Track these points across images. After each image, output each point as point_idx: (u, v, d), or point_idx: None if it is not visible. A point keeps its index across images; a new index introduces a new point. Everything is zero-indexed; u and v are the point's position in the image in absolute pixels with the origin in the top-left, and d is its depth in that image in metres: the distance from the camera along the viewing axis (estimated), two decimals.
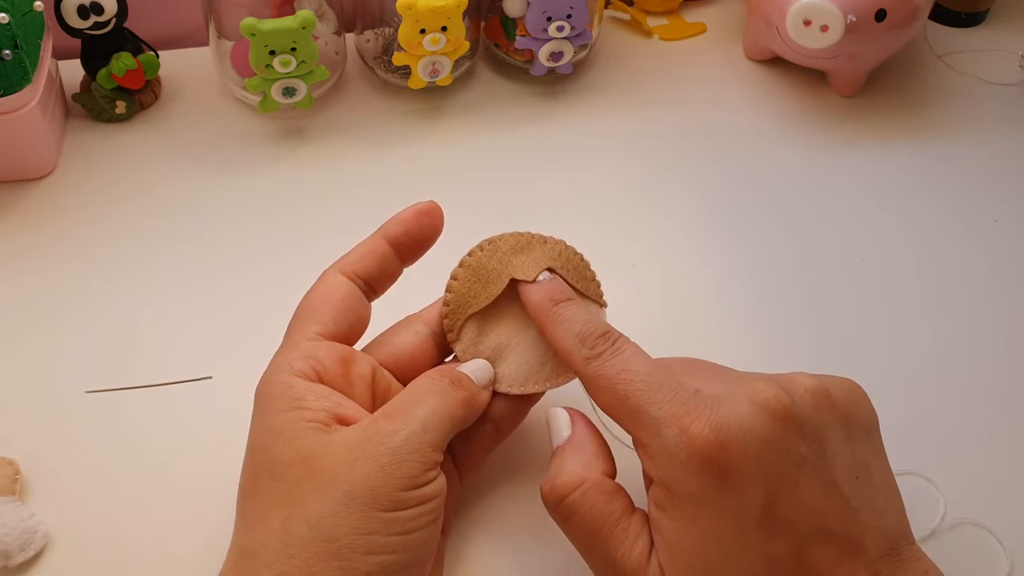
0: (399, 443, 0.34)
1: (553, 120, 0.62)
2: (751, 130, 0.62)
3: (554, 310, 0.39)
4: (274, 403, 0.36)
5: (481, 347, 0.41)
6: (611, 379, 0.35)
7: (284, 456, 0.35)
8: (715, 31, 0.69)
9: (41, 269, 0.51)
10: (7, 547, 0.39)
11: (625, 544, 0.34)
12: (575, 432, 0.37)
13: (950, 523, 0.43)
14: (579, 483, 0.35)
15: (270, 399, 0.37)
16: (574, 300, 0.40)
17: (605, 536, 0.34)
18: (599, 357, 0.36)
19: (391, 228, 0.41)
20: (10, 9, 0.50)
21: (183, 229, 0.54)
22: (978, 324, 0.52)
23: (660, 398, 0.34)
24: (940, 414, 0.47)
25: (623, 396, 0.34)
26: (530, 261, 0.41)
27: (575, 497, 0.35)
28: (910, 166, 0.60)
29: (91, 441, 0.44)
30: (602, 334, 0.37)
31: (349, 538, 0.33)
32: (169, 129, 0.59)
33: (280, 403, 0.36)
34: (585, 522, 0.34)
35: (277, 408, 0.36)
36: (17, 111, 0.52)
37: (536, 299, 0.40)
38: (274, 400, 0.36)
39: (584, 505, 0.34)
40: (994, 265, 0.55)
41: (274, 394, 0.36)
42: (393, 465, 0.34)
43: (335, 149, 0.59)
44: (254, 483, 0.35)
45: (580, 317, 0.38)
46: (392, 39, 0.60)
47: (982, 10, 0.70)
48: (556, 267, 0.41)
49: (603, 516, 0.34)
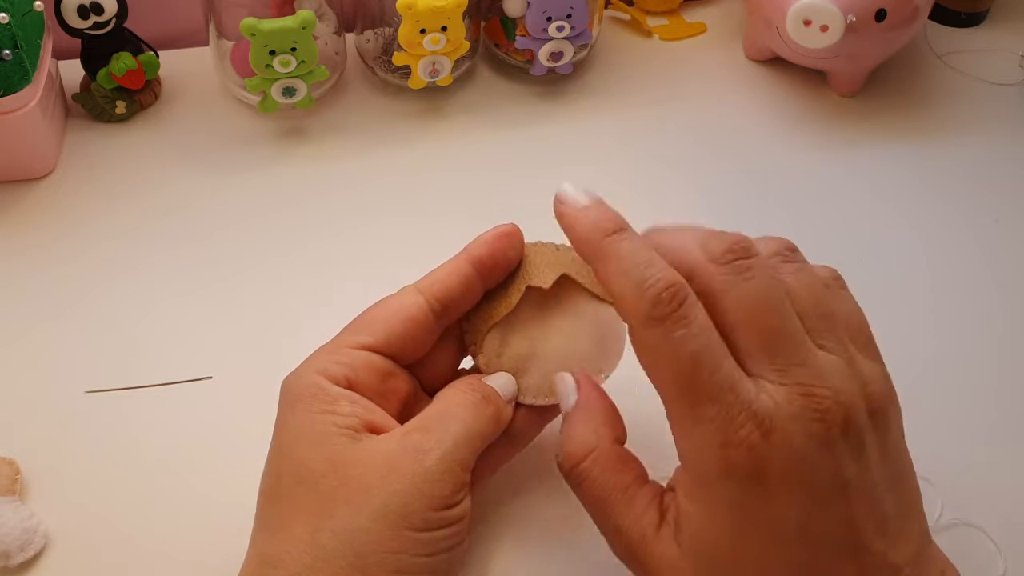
0: (434, 462, 0.34)
1: (553, 120, 0.62)
2: (751, 130, 0.62)
3: (605, 243, 0.33)
4: (305, 404, 0.35)
5: (504, 358, 0.40)
6: (675, 354, 0.31)
7: (313, 462, 0.34)
8: (715, 31, 0.69)
9: (41, 269, 0.51)
10: (7, 547, 0.39)
11: (632, 514, 0.33)
12: (582, 397, 0.37)
13: (945, 524, 0.43)
14: (589, 451, 0.34)
15: (301, 399, 0.36)
16: (629, 231, 0.34)
17: (613, 504, 0.34)
18: (663, 322, 0.31)
19: (476, 249, 0.40)
20: (10, 9, 0.50)
21: (183, 229, 0.54)
22: (978, 324, 0.52)
23: (718, 389, 0.30)
24: (939, 414, 0.47)
25: (678, 375, 0.31)
26: (546, 267, 0.41)
27: (586, 465, 0.34)
28: (910, 166, 0.60)
29: (91, 441, 0.44)
30: (669, 286, 0.31)
31: (378, 556, 0.32)
32: (169, 129, 0.59)
33: (311, 404, 0.35)
34: (595, 490, 0.34)
35: (308, 409, 0.35)
36: (17, 111, 0.52)
37: (582, 232, 0.34)
38: (305, 401, 0.36)
39: (594, 473, 0.34)
40: (994, 265, 0.55)
41: (306, 395, 0.36)
42: (427, 484, 0.33)
43: (335, 149, 0.59)
44: (278, 486, 0.35)
45: (641, 256, 0.32)
46: (392, 39, 0.60)
47: (982, 10, 0.70)
48: (571, 272, 0.41)
49: (612, 485, 0.34)
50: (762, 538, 0.31)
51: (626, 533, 0.33)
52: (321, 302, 0.50)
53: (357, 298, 0.49)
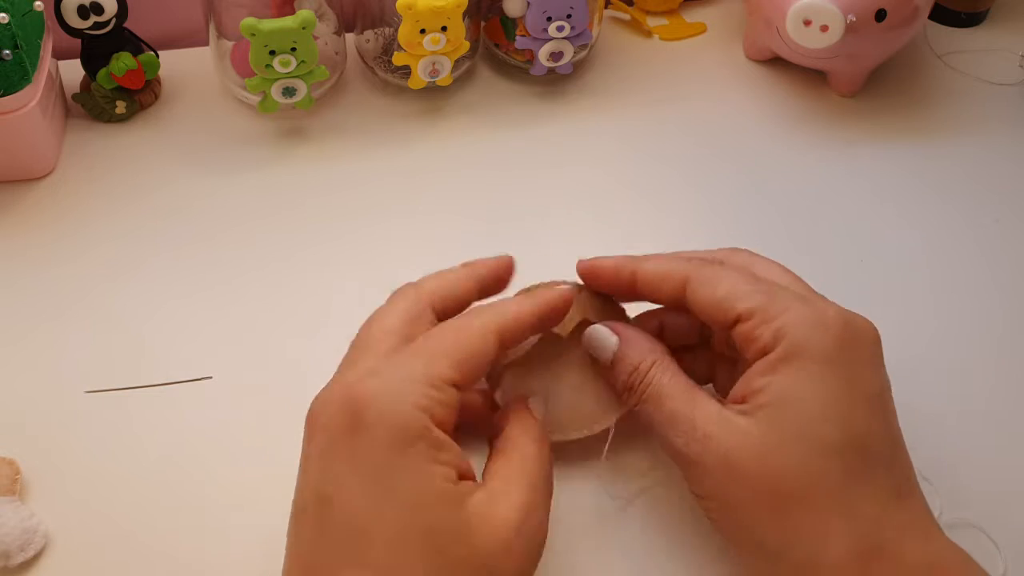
0: (541, 542, 0.36)
1: (553, 120, 0.62)
2: (751, 130, 0.62)
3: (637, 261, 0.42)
4: (416, 449, 0.34)
5: (520, 392, 0.42)
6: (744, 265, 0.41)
7: (444, 522, 0.33)
8: (715, 31, 0.69)
9: (41, 269, 0.51)
10: (7, 547, 0.39)
11: (697, 404, 0.38)
12: (626, 331, 0.41)
13: (946, 523, 0.43)
14: (654, 359, 0.40)
15: (412, 443, 0.34)
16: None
17: (678, 400, 0.38)
18: (707, 266, 0.41)
19: (540, 307, 0.40)
20: (10, 9, 0.50)
21: (183, 229, 0.54)
22: (978, 324, 0.52)
23: (787, 294, 0.39)
24: (939, 413, 0.47)
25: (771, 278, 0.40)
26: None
27: (653, 372, 0.39)
28: (910, 166, 0.60)
29: (91, 441, 0.44)
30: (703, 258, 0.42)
31: None
32: (169, 129, 0.59)
33: (423, 450, 0.34)
34: (662, 389, 0.39)
35: (420, 455, 0.34)
36: (17, 111, 0.52)
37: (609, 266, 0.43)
38: (416, 445, 0.34)
39: (659, 376, 0.39)
40: (994, 265, 0.55)
41: (415, 436, 0.34)
42: (532, 565, 0.36)
43: (335, 149, 0.59)
44: (387, 532, 0.33)
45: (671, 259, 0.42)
46: (392, 39, 0.60)
47: (982, 10, 0.70)
48: (590, 316, 0.43)
49: (677, 384, 0.39)
50: (847, 395, 0.36)
51: (687, 421, 0.37)
52: (321, 301, 0.50)
53: (357, 298, 0.49)
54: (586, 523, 0.42)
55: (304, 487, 0.35)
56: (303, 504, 0.35)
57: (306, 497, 0.35)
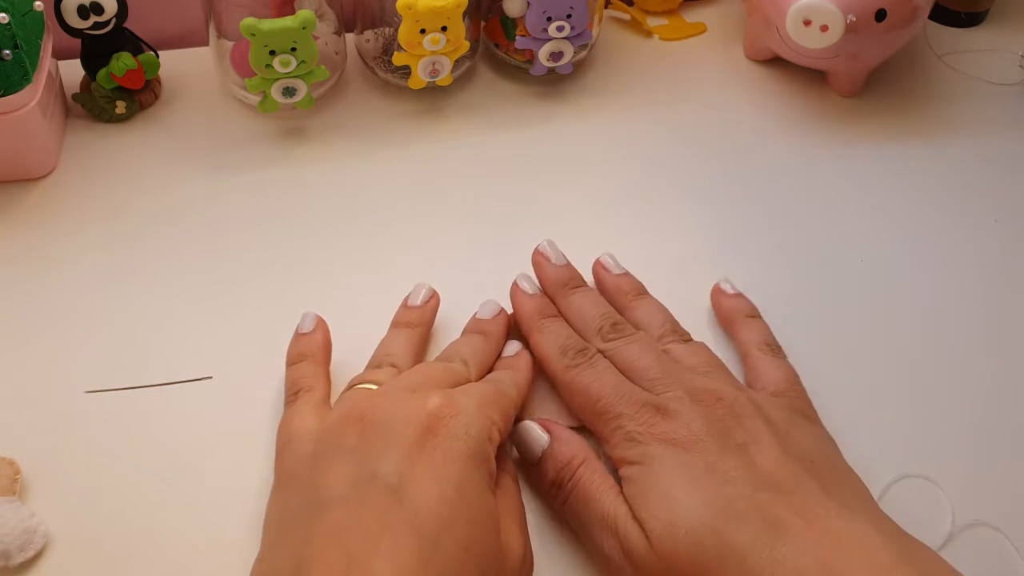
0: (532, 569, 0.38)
1: (553, 120, 0.62)
2: (751, 130, 0.62)
3: (540, 322, 0.45)
4: (484, 468, 0.36)
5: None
6: (586, 386, 0.41)
7: (493, 547, 0.35)
8: (715, 31, 0.69)
9: (41, 269, 0.51)
10: (7, 547, 0.39)
11: (621, 501, 0.38)
12: (556, 430, 0.42)
13: (962, 525, 0.43)
14: (583, 459, 0.40)
15: (483, 458, 0.37)
16: (558, 317, 0.46)
17: (603, 496, 0.39)
18: (577, 367, 0.42)
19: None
20: (10, 9, 0.50)
21: (183, 229, 0.54)
22: (977, 324, 0.52)
23: (626, 400, 0.40)
24: (939, 415, 0.47)
25: (595, 399, 0.41)
26: None
27: (581, 470, 0.40)
28: (910, 166, 0.60)
29: (91, 441, 0.44)
30: (581, 349, 0.43)
31: None
32: (169, 129, 0.59)
33: (486, 471, 0.37)
34: (587, 489, 0.39)
35: (485, 476, 0.36)
36: (17, 111, 0.52)
37: (525, 314, 0.46)
38: (481, 468, 0.36)
39: (586, 475, 0.39)
40: (994, 265, 0.55)
41: (485, 455, 0.37)
42: None
43: (335, 149, 0.59)
44: (450, 532, 0.34)
45: (563, 332, 0.44)
46: (392, 39, 0.60)
47: (982, 10, 0.70)
48: None
49: (601, 484, 0.39)
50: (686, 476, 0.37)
51: (614, 517, 0.38)
52: (321, 301, 0.50)
53: (357, 297, 0.49)
54: None
55: (346, 473, 0.35)
56: (340, 490, 0.34)
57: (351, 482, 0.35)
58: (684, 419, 0.39)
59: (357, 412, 0.37)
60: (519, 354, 0.45)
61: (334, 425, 0.37)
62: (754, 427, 0.39)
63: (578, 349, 0.43)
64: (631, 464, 0.38)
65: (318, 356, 0.45)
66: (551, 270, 0.48)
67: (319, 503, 0.34)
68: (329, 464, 0.35)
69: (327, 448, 0.36)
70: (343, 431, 0.36)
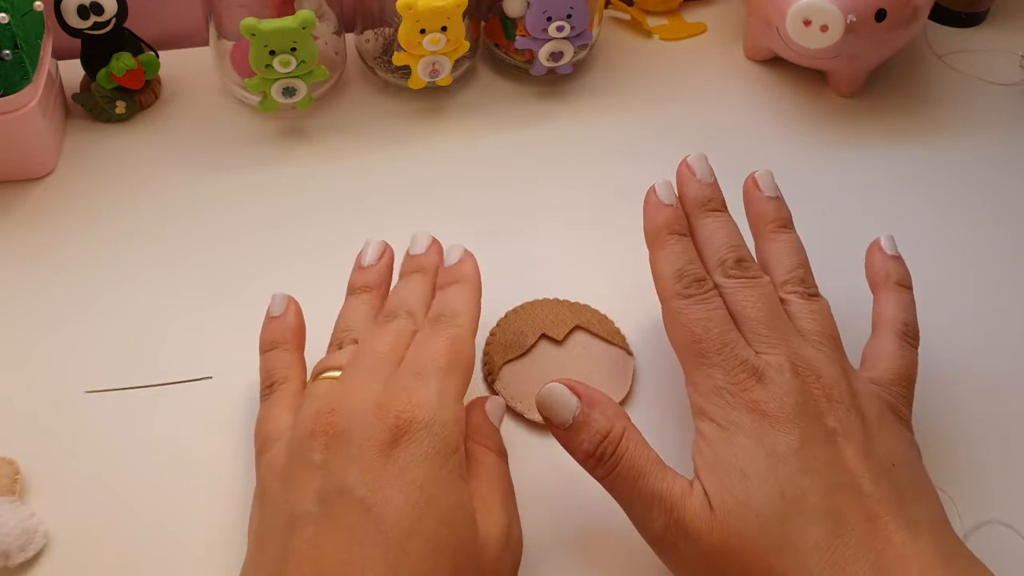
0: (521, 551, 0.38)
1: (553, 120, 0.62)
2: (751, 130, 0.62)
3: (666, 238, 0.42)
4: (453, 462, 0.36)
5: (512, 388, 0.46)
6: (691, 322, 0.39)
7: (467, 542, 0.35)
8: (715, 31, 0.69)
9: (41, 269, 0.51)
10: (7, 547, 0.39)
11: (668, 478, 0.37)
12: (587, 393, 0.38)
13: (969, 527, 0.43)
14: (623, 429, 0.38)
15: (450, 456, 0.36)
16: (687, 237, 0.43)
17: (650, 473, 0.37)
18: (689, 297, 0.40)
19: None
20: (10, 9, 0.50)
21: (183, 229, 0.54)
22: (977, 323, 0.52)
23: (727, 352, 0.38)
24: (943, 415, 0.47)
25: (696, 339, 0.39)
26: (559, 320, 0.48)
27: (623, 442, 0.37)
28: (910, 166, 0.60)
29: (91, 441, 0.44)
30: (698, 279, 0.41)
31: None
32: (169, 129, 0.59)
33: (456, 463, 0.36)
34: (633, 461, 0.37)
35: (455, 469, 0.36)
36: (17, 111, 0.52)
37: (654, 225, 0.43)
38: (452, 459, 0.36)
39: (630, 448, 0.37)
40: (994, 265, 0.55)
41: (451, 448, 0.36)
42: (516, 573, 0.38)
43: (335, 149, 0.59)
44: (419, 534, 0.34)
45: (687, 255, 0.42)
46: (392, 39, 0.60)
47: (982, 10, 0.70)
48: (582, 323, 0.48)
49: (647, 457, 0.37)
50: (766, 457, 0.36)
51: (667, 495, 0.36)
52: (321, 301, 0.50)
53: None
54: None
55: (315, 489, 0.35)
56: (309, 507, 0.34)
57: (320, 498, 0.34)
58: (778, 391, 0.37)
59: (322, 424, 0.36)
60: (463, 260, 0.43)
61: (301, 440, 0.36)
62: (847, 417, 0.37)
63: (695, 278, 0.41)
64: (712, 422, 0.37)
65: (291, 342, 0.43)
66: (694, 186, 0.44)
67: (292, 519, 0.34)
68: (299, 481, 0.35)
69: (297, 465, 0.36)
70: (310, 446, 0.36)
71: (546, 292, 0.50)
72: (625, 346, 0.48)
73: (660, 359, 0.48)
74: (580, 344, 0.48)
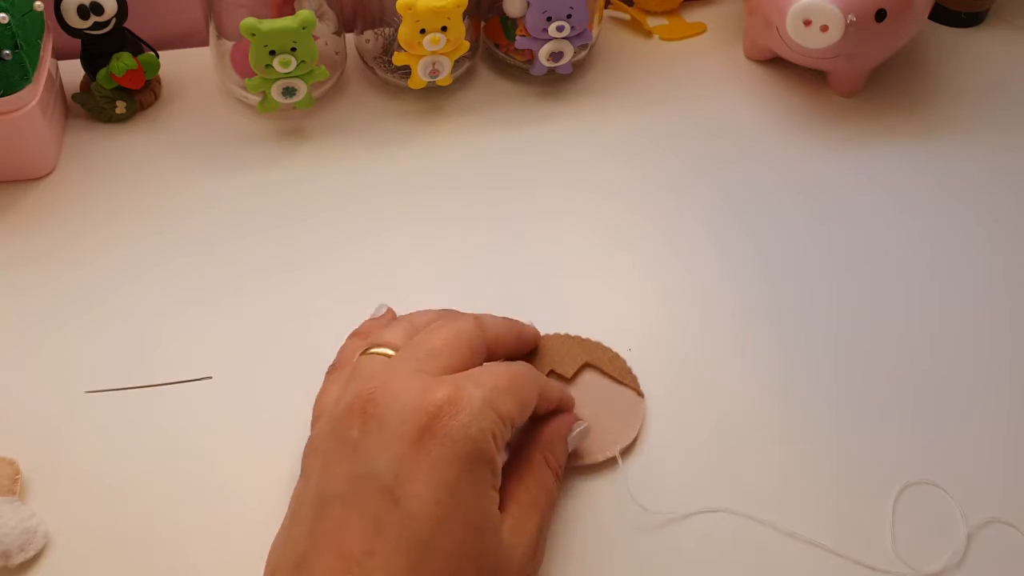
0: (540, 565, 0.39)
1: (553, 120, 0.62)
2: (751, 130, 0.62)
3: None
4: (485, 470, 0.36)
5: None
6: None
7: (490, 550, 0.35)
8: (715, 31, 0.69)
9: (40, 269, 0.51)
10: (7, 547, 0.39)
11: None
12: None
13: (971, 527, 0.43)
14: None
15: (482, 464, 0.35)
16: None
17: None
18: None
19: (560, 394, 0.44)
20: (10, 9, 0.50)
21: (183, 229, 0.54)
22: (976, 323, 0.52)
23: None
24: (944, 415, 0.47)
25: None
26: (569, 356, 0.47)
27: None
28: (910, 166, 0.60)
29: (91, 441, 0.44)
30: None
31: None
32: (169, 129, 0.59)
33: (487, 471, 0.36)
34: None
35: (484, 476, 0.36)
36: (17, 111, 0.52)
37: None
38: (484, 468, 0.36)
39: None
40: (994, 265, 0.55)
41: (486, 459, 0.36)
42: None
43: (335, 149, 0.59)
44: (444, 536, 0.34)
45: None
46: (392, 39, 0.60)
47: (982, 10, 0.70)
48: (594, 360, 0.47)
49: None
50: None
51: None
52: (321, 301, 0.50)
53: (356, 297, 0.49)
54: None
55: (346, 469, 0.35)
56: (339, 487, 0.35)
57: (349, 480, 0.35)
58: None
59: (361, 401, 0.36)
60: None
61: (342, 415, 0.37)
62: None
63: None
64: None
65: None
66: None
67: (322, 498, 0.35)
68: (334, 459, 0.36)
69: (335, 439, 0.36)
70: (349, 423, 0.36)
71: (546, 303, 0.50)
72: (636, 387, 0.47)
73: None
74: (589, 383, 0.47)
